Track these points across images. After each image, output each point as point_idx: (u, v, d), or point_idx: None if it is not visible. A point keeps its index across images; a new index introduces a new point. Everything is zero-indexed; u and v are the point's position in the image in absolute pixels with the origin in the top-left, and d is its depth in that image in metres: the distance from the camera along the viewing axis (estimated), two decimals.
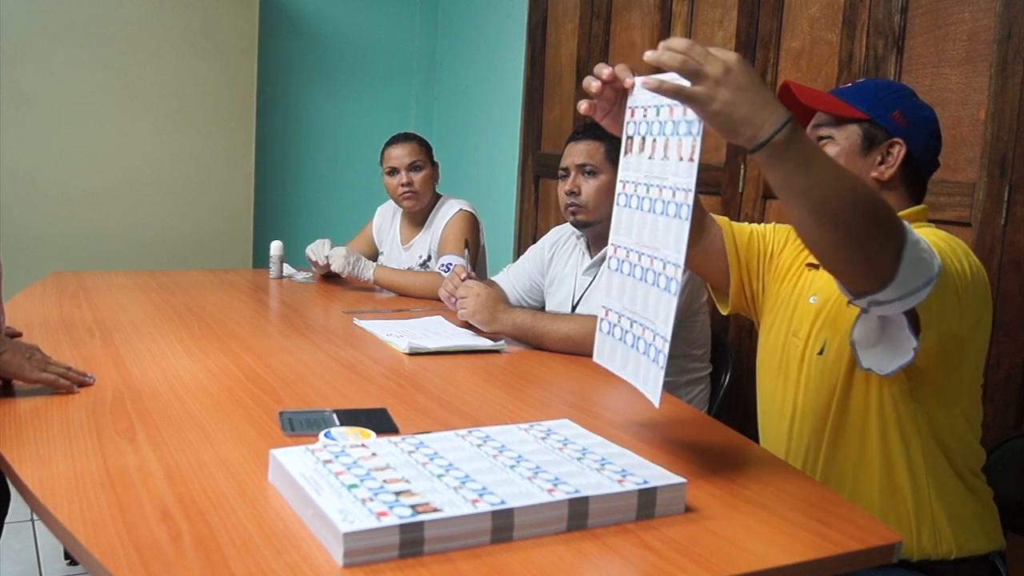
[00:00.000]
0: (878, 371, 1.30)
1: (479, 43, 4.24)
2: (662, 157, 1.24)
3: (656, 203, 1.25)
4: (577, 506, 1.01)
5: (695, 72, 1.09)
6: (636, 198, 1.31)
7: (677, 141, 1.21)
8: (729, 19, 2.68)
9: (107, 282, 2.69)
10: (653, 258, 1.25)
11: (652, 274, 1.25)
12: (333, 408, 1.43)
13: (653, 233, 1.26)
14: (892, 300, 1.18)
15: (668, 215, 1.22)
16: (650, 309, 1.25)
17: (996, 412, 1.91)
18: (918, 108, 1.52)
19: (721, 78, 1.09)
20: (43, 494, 1.05)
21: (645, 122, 1.29)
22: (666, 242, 1.22)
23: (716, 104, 1.09)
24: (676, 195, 1.20)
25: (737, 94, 1.09)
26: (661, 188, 1.24)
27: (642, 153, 1.29)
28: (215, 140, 3.91)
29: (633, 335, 1.30)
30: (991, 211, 1.92)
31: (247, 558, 0.91)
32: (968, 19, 2.00)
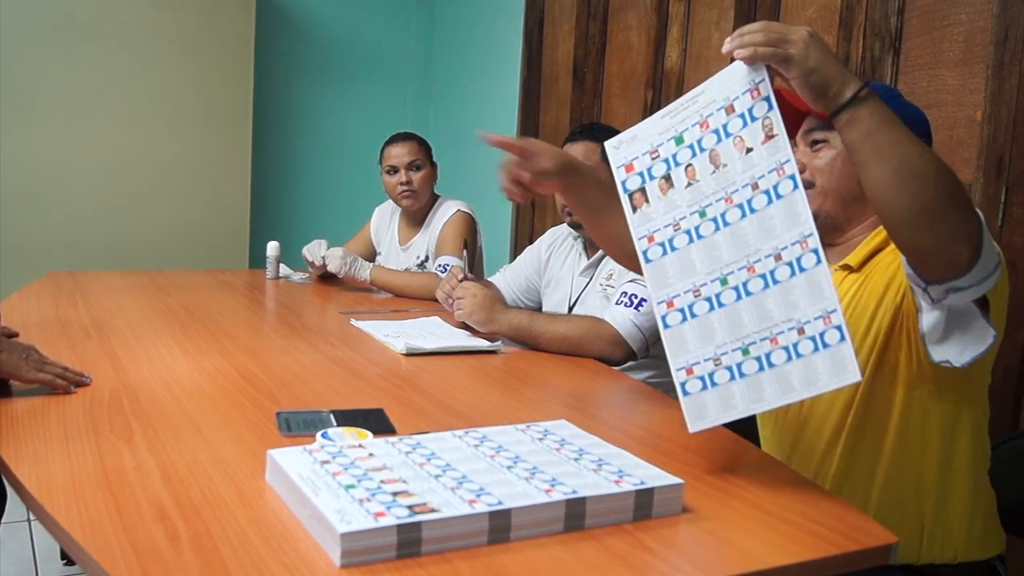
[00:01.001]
0: (955, 363, 1.26)
1: (475, 44, 4.24)
2: (712, 172, 1.22)
3: (728, 213, 1.21)
4: (574, 507, 1.01)
5: (782, 38, 1.13)
6: (684, 236, 1.25)
7: (735, 140, 1.20)
8: (726, 20, 2.68)
9: (103, 282, 2.68)
10: (752, 265, 1.19)
11: (760, 280, 1.18)
12: (330, 408, 1.43)
13: (737, 244, 1.20)
14: (971, 285, 1.15)
15: (756, 208, 1.18)
16: (774, 311, 1.17)
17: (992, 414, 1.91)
18: (907, 108, 1.50)
19: (808, 41, 1.12)
20: (40, 494, 1.05)
21: (660, 162, 1.27)
22: (769, 233, 1.17)
23: (811, 61, 1.12)
24: (761, 183, 1.17)
25: (825, 55, 1.12)
26: (729, 196, 1.21)
27: (673, 190, 1.25)
28: (211, 140, 3.91)
29: (757, 360, 1.18)
30: (987, 212, 1.92)
31: (244, 559, 0.91)
32: (965, 21, 2.01)
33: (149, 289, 2.60)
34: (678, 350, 1.25)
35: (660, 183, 1.27)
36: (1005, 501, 1.52)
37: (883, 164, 1.12)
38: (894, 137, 1.12)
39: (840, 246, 1.54)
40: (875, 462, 1.43)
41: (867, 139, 1.13)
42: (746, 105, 1.18)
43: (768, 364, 1.17)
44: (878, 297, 1.42)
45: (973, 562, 1.42)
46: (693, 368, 1.24)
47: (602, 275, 2.22)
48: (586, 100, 3.31)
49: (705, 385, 1.23)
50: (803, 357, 1.14)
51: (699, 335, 1.23)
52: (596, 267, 2.25)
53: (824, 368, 1.13)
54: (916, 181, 1.11)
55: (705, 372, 1.23)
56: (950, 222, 1.12)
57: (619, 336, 1.97)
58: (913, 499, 1.41)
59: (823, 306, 1.13)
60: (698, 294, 1.23)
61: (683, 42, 2.86)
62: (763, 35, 1.13)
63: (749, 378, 1.19)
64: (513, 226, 3.83)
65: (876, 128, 1.12)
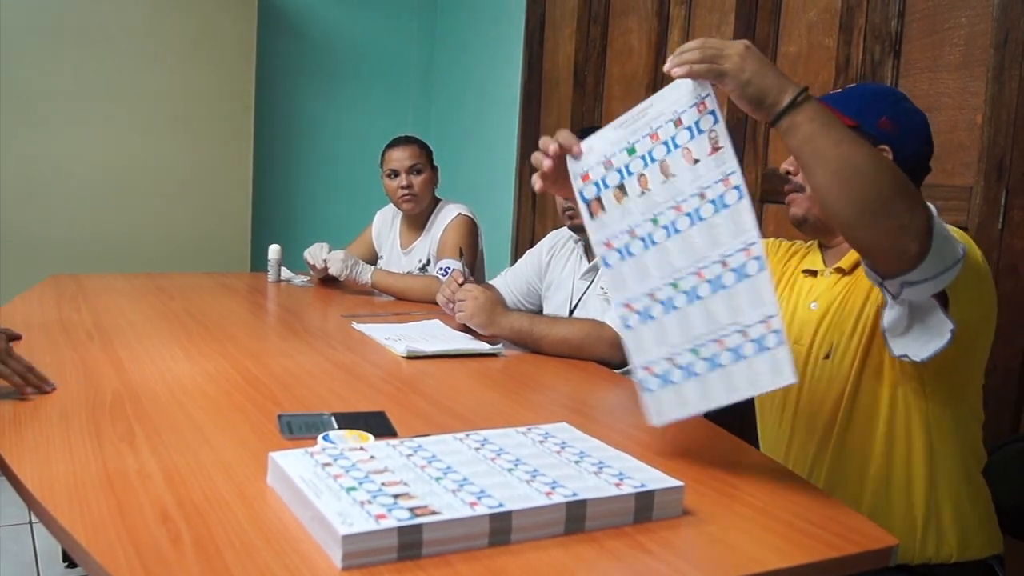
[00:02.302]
0: (913, 358, 1.28)
1: (477, 47, 4.25)
2: (662, 182, 1.26)
3: (678, 221, 1.25)
4: (575, 509, 1.02)
5: (717, 54, 1.18)
6: (639, 242, 1.29)
7: (682, 152, 1.24)
8: (727, 23, 2.69)
9: (105, 285, 2.69)
10: (700, 271, 1.23)
11: (708, 286, 1.22)
12: (331, 411, 1.43)
13: (687, 251, 1.24)
14: (925, 279, 1.18)
15: (704, 216, 1.22)
16: (721, 314, 1.21)
17: (992, 416, 1.91)
18: (906, 113, 1.51)
19: (744, 54, 1.18)
20: (43, 496, 1.05)
21: (614, 171, 1.31)
22: (715, 241, 1.21)
23: (746, 74, 1.17)
24: (708, 193, 1.21)
25: (761, 66, 1.18)
26: (677, 205, 1.25)
27: (627, 199, 1.30)
28: (213, 143, 3.91)
29: (706, 360, 1.24)
30: (988, 215, 1.93)
31: (247, 560, 0.91)
32: (965, 24, 2.01)
33: (151, 292, 2.60)
34: (638, 350, 1.32)
35: (615, 192, 1.31)
36: (1006, 503, 1.52)
37: (824, 166, 1.16)
38: (833, 140, 1.15)
39: (834, 248, 1.57)
40: (865, 460, 1.44)
41: (807, 144, 1.17)
42: (693, 119, 1.23)
43: (716, 365, 1.23)
44: (864, 298, 1.44)
45: (970, 562, 1.42)
46: (651, 367, 1.30)
47: (603, 278, 2.22)
48: (587, 103, 3.32)
49: (663, 383, 1.29)
50: (747, 358, 1.20)
51: (655, 336, 1.29)
52: (597, 270, 2.25)
53: (765, 369, 1.18)
54: (857, 180, 1.14)
55: (662, 371, 1.29)
56: (894, 217, 1.14)
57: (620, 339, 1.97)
58: (904, 498, 1.41)
59: (764, 311, 1.18)
60: (653, 297, 1.29)
61: None
62: (699, 52, 1.18)
63: (700, 377, 1.25)
64: (514, 229, 3.83)
65: (815, 132, 1.16)
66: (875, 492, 1.43)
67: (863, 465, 1.44)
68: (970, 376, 1.43)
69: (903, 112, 1.51)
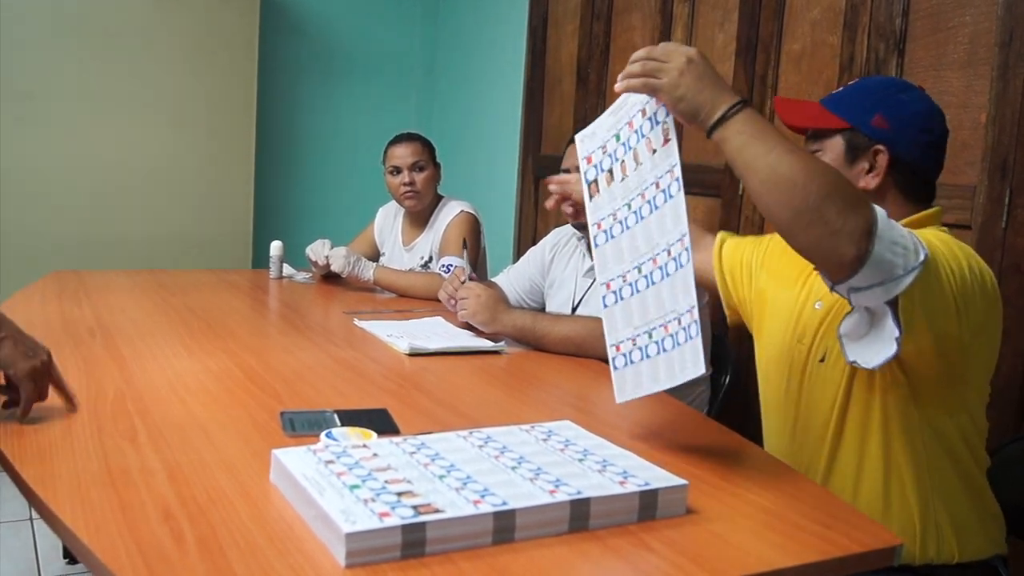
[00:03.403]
0: (863, 364, 1.28)
1: (479, 44, 4.24)
2: (635, 167, 1.32)
3: (642, 208, 1.32)
4: (579, 507, 1.01)
5: (658, 69, 1.24)
6: (617, 225, 1.36)
7: (646, 142, 1.30)
8: (730, 21, 2.68)
9: (107, 282, 2.69)
10: (655, 256, 1.30)
11: (659, 272, 1.29)
12: (334, 408, 1.43)
13: (647, 237, 1.31)
14: (871, 285, 1.17)
15: (658, 206, 1.28)
16: (667, 301, 1.28)
17: (995, 416, 1.90)
18: (902, 106, 1.47)
19: (684, 69, 1.22)
20: (45, 493, 1.05)
21: (607, 156, 1.38)
22: (664, 229, 1.27)
23: (680, 90, 1.22)
24: (661, 183, 1.28)
25: (698, 82, 1.22)
26: (643, 192, 1.31)
27: (610, 185, 1.37)
28: (215, 140, 3.91)
29: (656, 343, 1.30)
30: (992, 214, 1.92)
31: (250, 558, 0.91)
32: (969, 23, 2.01)
33: (153, 288, 2.60)
34: (611, 329, 1.39)
35: (606, 176, 1.39)
36: (1008, 504, 1.52)
37: (755, 175, 1.19)
38: (763, 150, 1.17)
39: None
40: (860, 463, 1.44)
41: (737, 156, 1.20)
42: (653, 109, 1.30)
43: (662, 349, 1.29)
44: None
45: (973, 563, 1.42)
46: (620, 346, 1.37)
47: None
48: (590, 101, 3.31)
49: (627, 362, 1.36)
50: (681, 345, 1.26)
51: (623, 317, 1.36)
52: None
53: (689, 358, 1.25)
54: (785, 188, 1.15)
55: (627, 350, 1.36)
56: (826, 224, 1.14)
57: None
58: (899, 501, 1.41)
59: (690, 301, 1.24)
60: (625, 279, 1.36)
61: (687, 43, 2.86)
62: (640, 66, 1.25)
63: (653, 359, 1.31)
64: (517, 227, 3.83)
65: (745, 144, 1.19)
66: (871, 493, 1.42)
67: (857, 469, 1.44)
68: (967, 388, 1.42)
69: (898, 104, 1.46)
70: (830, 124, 1.47)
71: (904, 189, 1.47)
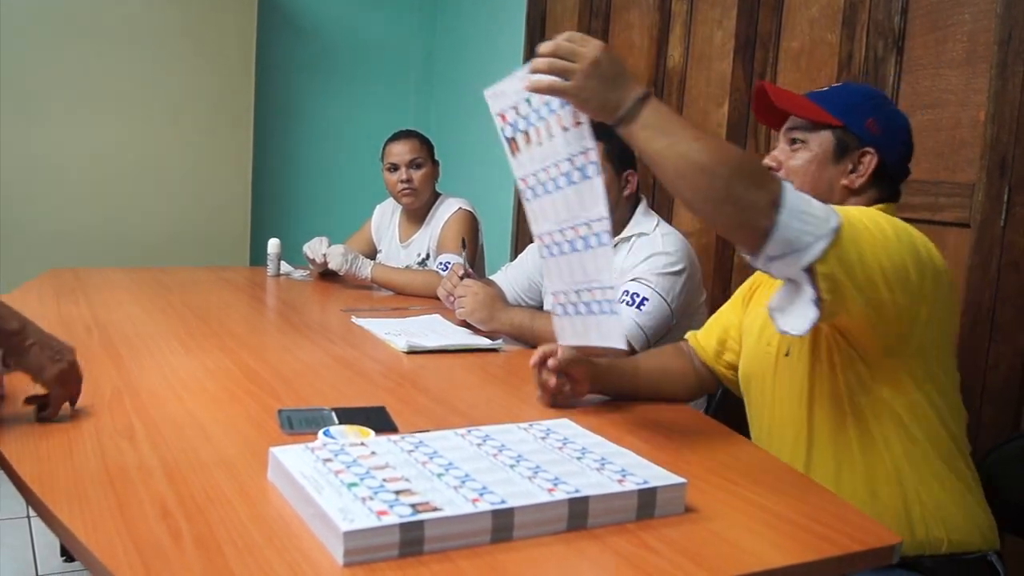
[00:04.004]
0: (793, 331, 1.30)
1: (477, 41, 4.24)
2: (549, 138, 1.36)
3: (559, 179, 1.37)
4: (577, 506, 1.01)
5: (563, 71, 1.25)
6: (540, 186, 1.41)
7: (556, 117, 1.33)
8: (728, 19, 2.68)
9: (104, 279, 2.68)
10: (576, 227, 1.36)
11: (581, 241, 1.36)
12: (332, 406, 1.43)
13: (567, 206, 1.37)
14: (784, 254, 1.21)
15: (575, 182, 1.33)
16: (591, 270, 1.36)
17: (995, 414, 1.91)
18: (892, 116, 1.52)
19: (590, 71, 1.24)
20: (42, 491, 1.05)
21: (521, 118, 1.41)
22: (583, 205, 1.33)
23: (586, 93, 1.25)
24: (575, 161, 1.32)
25: (602, 83, 1.25)
26: (558, 164, 1.36)
27: (528, 145, 1.40)
28: (213, 137, 3.90)
29: (585, 303, 1.40)
30: (990, 212, 1.92)
31: (247, 557, 0.91)
32: (968, 20, 2.01)
33: (150, 286, 2.60)
34: (550, 277, 1.48)
35: (523, 136, 1.42)
36: (1008, 501, 1.52)
37: (663, 167, 1.24)
38: (669, 142, 1.22)
39: None
40: (835, 450, 1.44)
41: (645, 148, 1.25)
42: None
43: (589, 311, 1.40)
44: None
45: (967, 557, 1.41)
46: (558, 296, 1.47)
47: None
48: None
49: (565, 312, 1.46)
50: (605, 314, 1.37)
51: (558, 271, 1.44)
52: None
53: (614, 328, 1.37)
54: (694, 176, 1.21)
55: (564, 301, 1.45)
56: (736, 201, 1.20)
57: None
58: (884, 486, 1.40)
59: (608, 281, 1.35)
60: (553, 237, 1.43)
61: (685, 40, 2.86)
62: (546, 65, 1.26)
63: (583, 317, 1.42)
64: (514, 224, 3.83)
65: (651, 137, 1.24)
66: (852, 484, 1.42)
67: (836, 458, 1.43)
68: (923, 361, 1.40)
69: (888, 115, 1.52)
70: (823, 119, 1.50)
71: (880, 189, 1.51)
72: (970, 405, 1.93)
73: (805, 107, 1.52)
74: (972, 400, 1.94)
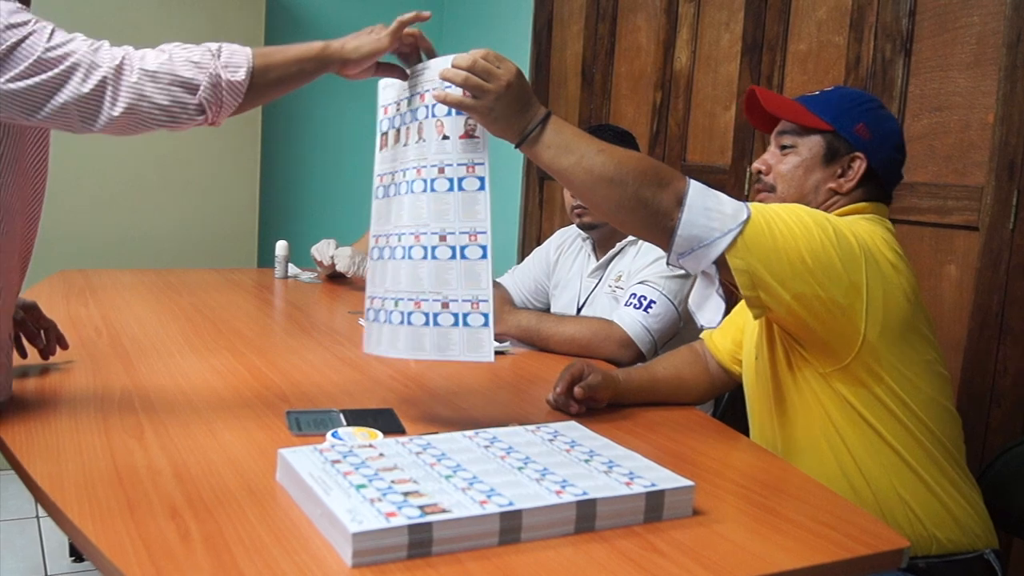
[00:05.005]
0: (708, 324, 1.35)
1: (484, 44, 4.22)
2: (416, 141, 1.36)
3: (415, 183, 1.36)
4: (585, 508, 1.01)
5: (477, 88, 1.28)
6: (394, 187, 1.41)
7: (436, 123, 1.34)
8: (735, 21, 2.68)
9: (113, 281, 2.69)
10: (419, 234, 1.35)
11: (448, 249, 1.33)
12: (340, 408, 1.43)
13: (415, 212, 1.35)
14: (692, 249, 1.27)
15: (436, 188, 1.33)
16: (455, 281, 1.33)
17: (1004, 417, 1.91)
18: (883, 120, 1.52)
19: (501, 93, 1.28)
20: (53, 491, 1.05)
21: (398, 115, 1.42)
22: (465, 215, 1.33)
23: (494, 114, 1.28)
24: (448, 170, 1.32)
25: (511, 105, 1.29)
26: (420, 168, 1.35)
27: (398, 144, 1.41)
28: (220, 139, 3.91)
29: (424, 313, 1.35)
30: (999, 215, 1.92)
31: (256, 557, 0.91)
32: (977, 23, 2.00)
33: (159, 287, 2.60)
34: (370, 281, 1.45)
35: (394, 132, 1.44)
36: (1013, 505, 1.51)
37: (570, 182, 1.31)
38: (571, 160, 1.28)
39: None
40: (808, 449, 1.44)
41: (551, 167, 1.31)
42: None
43: (408, 321, 1.36)
44: None
45: (962, 557, 1.41)
46: (373, 300, 1.44)
47: (611, 276, 2.21)
48: (595, 101, 3.31)
49: (377, 318, 1.42)
50: (440, 327, 1.33)
51: (381, 275, 1.42)
52: (605, 268, 2.25)
53: (459, 341, 1.32)
54: (605, 186, 1.27)
55: (378, 307, 1.42)
56: (645, 205, 1.27)
57: (628, 338, 1.97)
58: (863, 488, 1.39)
59: (475, 293, 1.32)
60: (387, 241, 1.42)
61: (692, 44, 2.86)
62: (463, 78, 1.28)
63: (394, 326, 1.38)
64: (521, 227, 3.83)
65: (554, 156, 1.30)
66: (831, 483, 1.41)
67: (809, 457, 1.43)
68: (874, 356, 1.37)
69: (879, 119, 1.52)
70: (813, 123, 1.51)
71: (869, 194, 1.52)
72: (978, 409, 1.93)
73: (795, 112, 1.53)
74: (980, 404, 1.93)
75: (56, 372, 1.59)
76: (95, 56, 1.19)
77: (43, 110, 1.17)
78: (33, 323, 1.57)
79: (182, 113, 1.23)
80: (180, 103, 1.22)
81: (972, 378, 1.96)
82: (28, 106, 1.16)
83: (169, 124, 1.23)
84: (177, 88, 1.22)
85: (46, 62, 1.16)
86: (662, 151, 2.94)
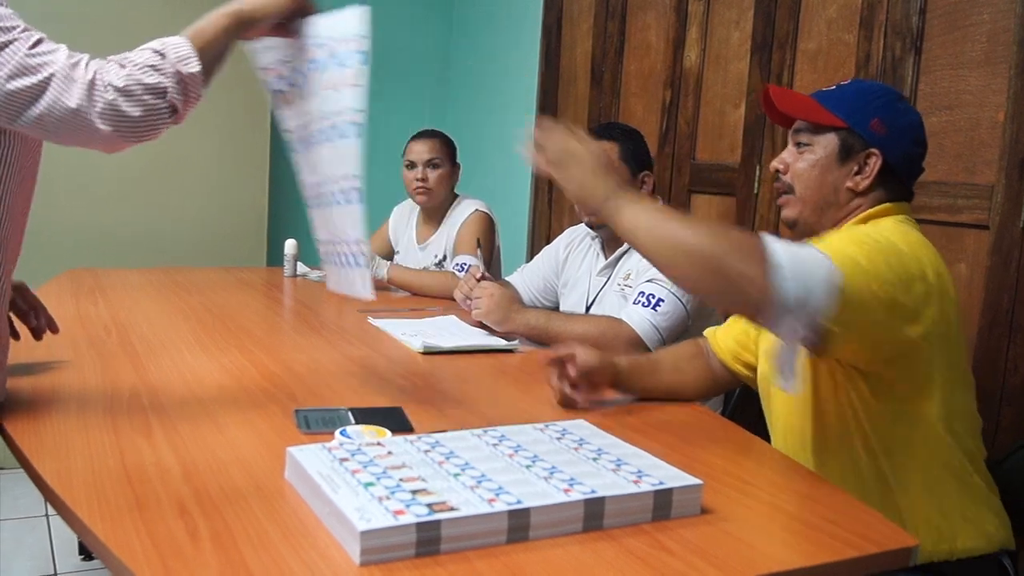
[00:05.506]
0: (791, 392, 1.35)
1: (493, 43, 4.24)
2: (312, 95, 1.45)
3: (316, 135, 1.45)
4: (593, 506, 1.01)
5: (559, 163, 1.37)
6: (306, 141, 1.49)
7: (328, 76, 1.41)
8: (745, 20, 2.67)
9: (122, 279, 2.70)
10: (335, 181, 1.45)
11: (341, 194, 1.43)
12: (348, 406, 1.43)
13: (331, 162, 1.44)
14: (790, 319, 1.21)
15: (332, 139, 1.41)
16: (348, 225, 1.44)
17: (1014, 416, 1.90)
18: (900, 114, 1.48)
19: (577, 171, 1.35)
20: (61, 489, 1.06)
21: (293, 72, 1.50)
22: (342, 163, 1.40)
23: (572, 185, 1.36)
24: (336, 120, 1.39)
25: (586, 180, 1.35)
26: (320, 120, 1.44)
27: (297, 100, 1.48)
28: (230, 138, 3.92)
29: (340, 255, 1.50)
30: (1009, 214, 1.91)
31: (264, 555, 0.91)
32: (987, 20, 1.99)
33: (168, 286, 2.61)
34: (315, 226, 1.59)
35: (293, 90, 1.50)
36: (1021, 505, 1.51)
37: (649, 254, 1.30)
38: (655, 237, 1.28)
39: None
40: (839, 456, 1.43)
41: (633, 242, 1.32)
42: (344, 50, 1.39)
43: (341, 263, 1.50)
44: None
45: (977, 557, 1.40)
46: (322, 245, 1.58)
47: (620, 275, 2.21)
48: (604, 100, 3.31)
49: (327, 260, 1.58)
50: (351, 267, 1.47)
51: (319, 221, 1.56)
52: (614, 267, 2.24)
53: (359, 280, 1.46)
54: (683, 261, 1.26)
55: (325, 251, 1.57)
56: (726, 275, 1.22)
57: (637, 336, 1.97)
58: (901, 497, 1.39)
59: (357, 236, 1.43)
60: (318, 190, 1.52)
61: (702, 42, 2.85)
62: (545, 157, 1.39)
63: (337, 268, 1.53)
64: (530, 226, 3.83)
65: (633, 229, 1.30)
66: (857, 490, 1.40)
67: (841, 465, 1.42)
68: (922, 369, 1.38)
69: (896, 113, 1.48)
70: (827, 121, 1.48)
71: (888, 191, 1.49)
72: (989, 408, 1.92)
73: (809, 110, 1.50)
74: (991, 403, 1.92)
75: (65, 370, 1.59)
76: (72, 71, 1.20)
77: (22, 117, 1.17)
78: (23, 302, 1.58)
79: (158, 120, 1.25)
80: (155, 111, 1.25)
81: (983, 376, 1.95)
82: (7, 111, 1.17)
83: (148, 135, 1.25)
84: (148, 96, 1.23)
85: (26, 68, 1.17)
86: (671, 149, 2.94)
